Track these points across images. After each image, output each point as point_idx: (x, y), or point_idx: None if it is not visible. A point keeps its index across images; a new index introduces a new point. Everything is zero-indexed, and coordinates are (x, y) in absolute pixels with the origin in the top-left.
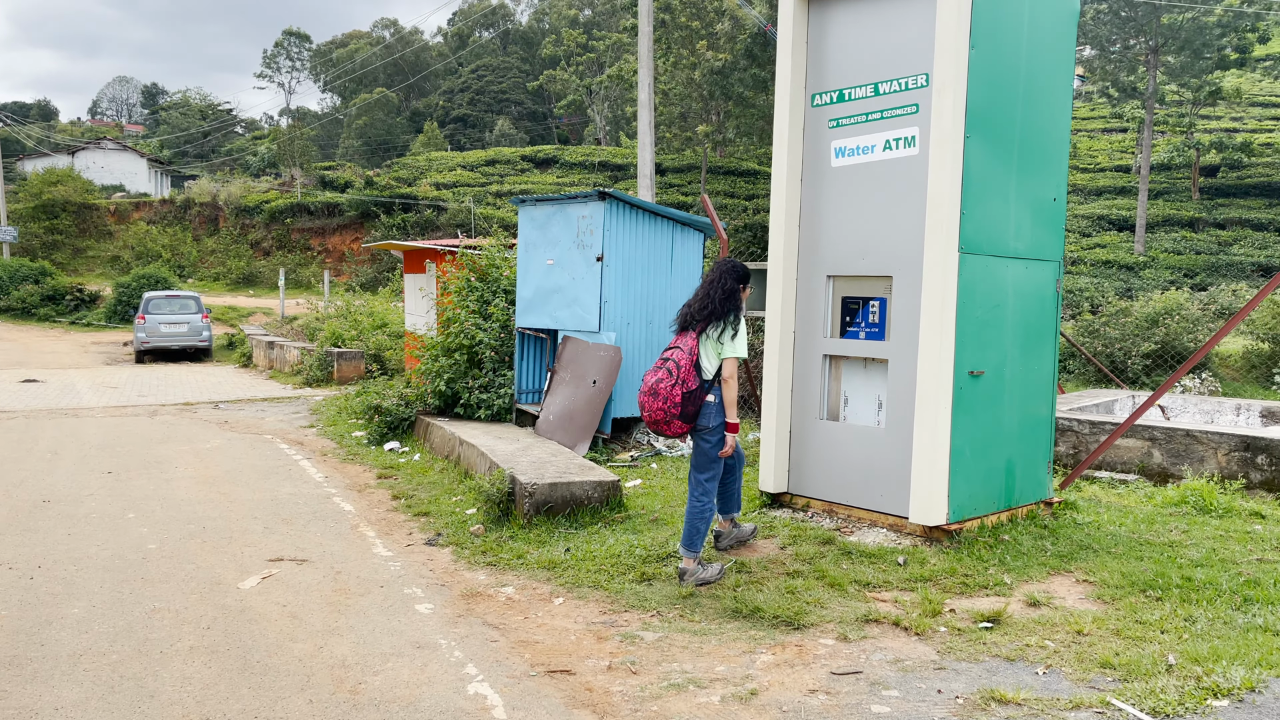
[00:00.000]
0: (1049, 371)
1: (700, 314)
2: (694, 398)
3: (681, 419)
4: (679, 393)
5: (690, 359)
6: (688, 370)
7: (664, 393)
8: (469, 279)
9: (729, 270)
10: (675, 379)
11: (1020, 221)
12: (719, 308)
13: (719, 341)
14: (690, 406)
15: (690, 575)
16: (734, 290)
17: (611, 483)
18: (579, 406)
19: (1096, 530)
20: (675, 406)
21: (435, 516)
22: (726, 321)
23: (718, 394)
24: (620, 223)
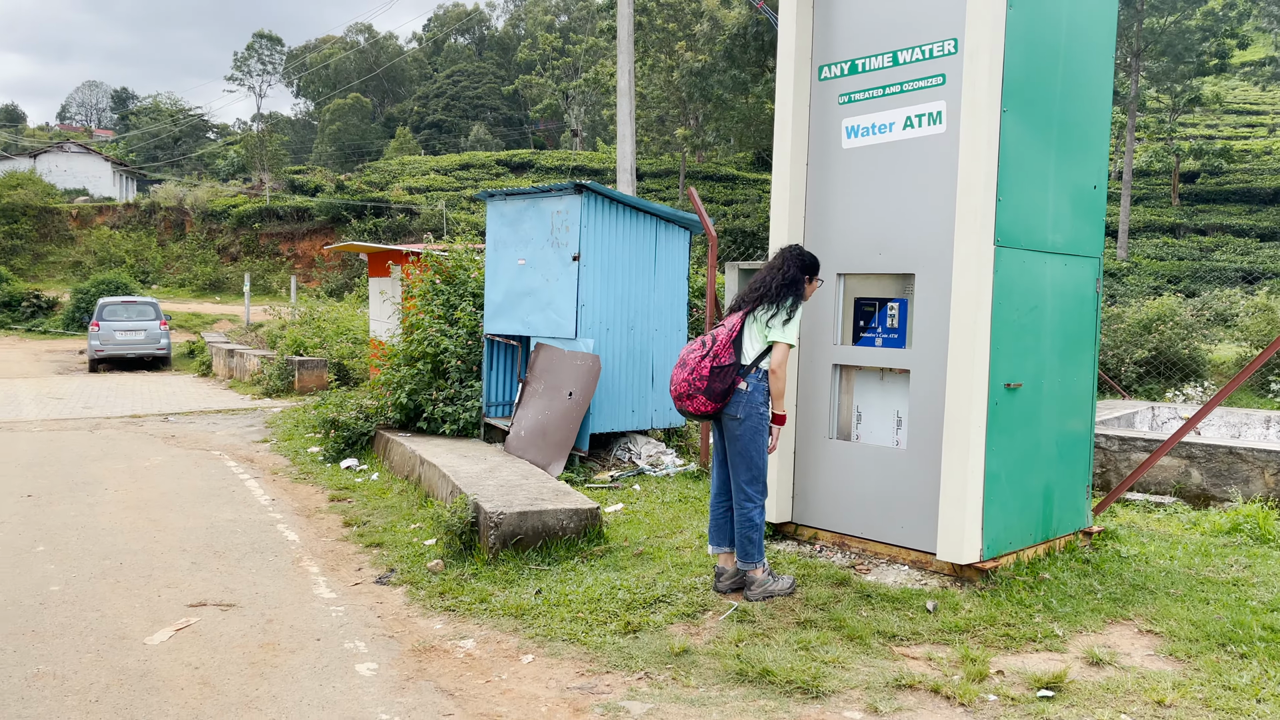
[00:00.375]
0: (1089, 383)
1: (751, 295)
2: (724, 374)
3: (707, 395)
4: (708, 365)
5: (730, 335)
6: (724, 345)
7: (692, 363)
8: (433, 282)
9: (794, 257)
10: (707, 351)
11: (1059, 211)
12: (774, 292)
13: (767, 325)
14: (718, 383)
15: (758, 586)
16: (796, 279)
17: (589, 511)
18: (553, 421)
19: (1145, 565)
20: (701, 380)
21: (390, 548)
22: (780, 305)
23: (753, 383)
24: (599, 218)
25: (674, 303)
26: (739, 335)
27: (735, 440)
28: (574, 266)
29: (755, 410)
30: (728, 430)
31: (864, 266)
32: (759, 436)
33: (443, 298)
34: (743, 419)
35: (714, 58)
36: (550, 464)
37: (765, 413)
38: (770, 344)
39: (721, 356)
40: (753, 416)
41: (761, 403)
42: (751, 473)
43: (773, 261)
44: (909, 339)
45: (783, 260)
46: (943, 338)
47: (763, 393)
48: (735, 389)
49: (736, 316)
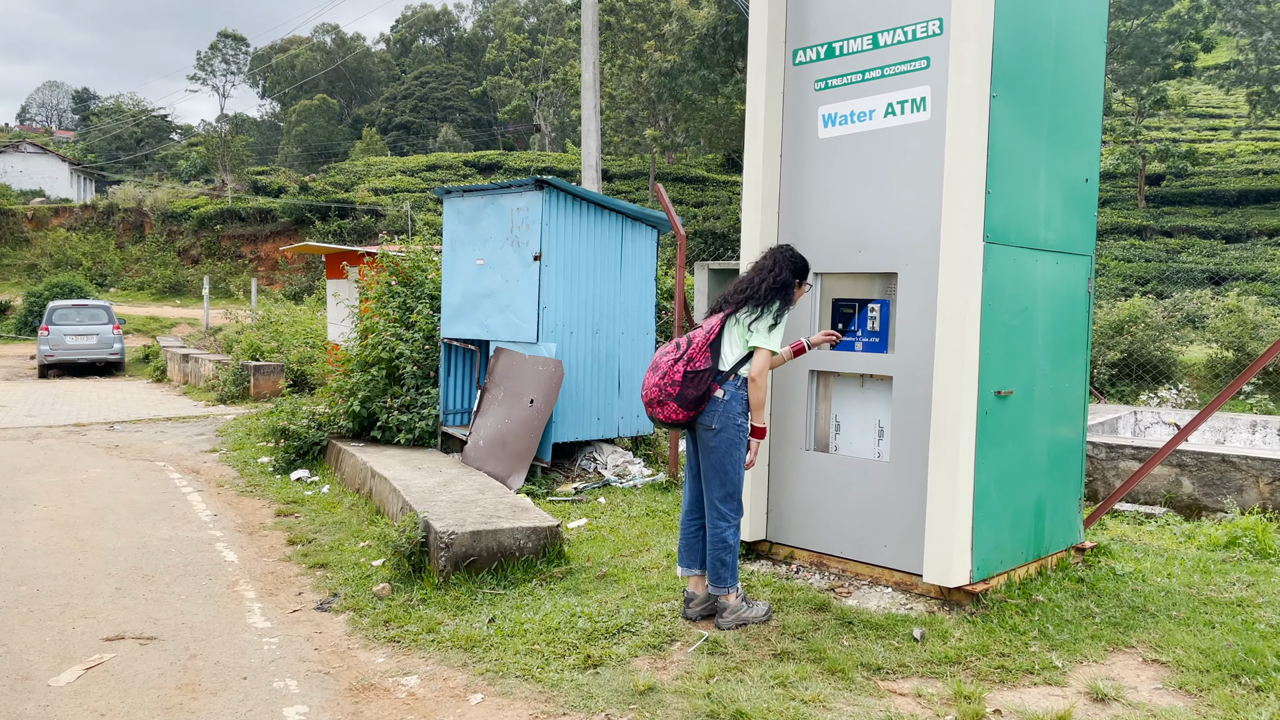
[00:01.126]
0: (1080, 389)
1: (735, 296)
2: (698, 380)
3: (679, 402)
4: (681, 370)
5: (707, 338)
6: (700, 349)
7: (664, 367)
8: (389, 283)
9: (786, 259)
10: (681, 354)
11: (1051, 206)
12: (762, 294)
13: (749, 329)
14: (691, 390)
15: (731, 614)
16: (787, 282)
17: (548, 529)
18: (513, 430)
19: (1143, 584)
20: (673, 386)
21: (335, 569)
22: (767, 309)
23: (730, 391)
24: (562, 216)
25: (641, 305)
26: (717, 339)
27: (709, 453)
28: (535, 267)
29: (732, 421)
30: (701, 442)
31: (842, 265)
32: (735, 450)
33: (399, 300)
34: (718, 430)
35: (683, 58)
36: (510, 476)
37: (743, 424)
38: (751, 350)
39: (697, 361)
40: (729, 428)
41: (739, 413)
42: (726, 489)
43: (761, 261)
44: (891, 343)
45: (774, 261)
46: (929, 342)
47: (741, 402)
48: (711, 397)
49: (716, 319)
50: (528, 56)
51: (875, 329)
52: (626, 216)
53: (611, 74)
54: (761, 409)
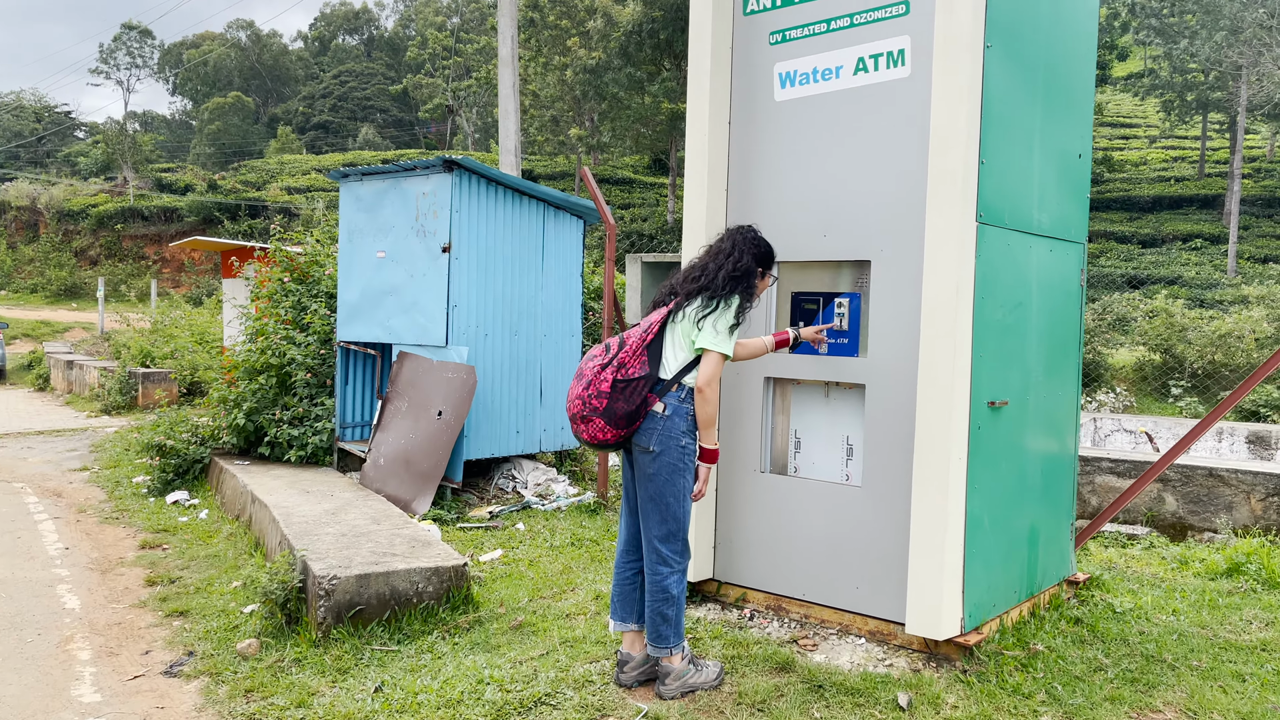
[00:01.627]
0: (1074, 399)
1: (684, 286)
2: (630, 391)
3: (608, 419)
4: (609, 377)
5: (644, 339)
6: (634, 352)
7: (589, 375)
8: (281, 280)
9: (749, 241)
10: (610, 358)
11: (1045, 183)
12: (718, 284)
13: (697, 326)
14: (622, 403)
15: (675, 680)
16: (749, 270)
17: (454, 569)
18: (419, 446)
19: (1148, 625)
20: (600, 398)
21: (196, 618)
22: (722, 303)
23: (672, 404)
24: (475, 202)
25: (567, 303)
26: (657, 339)
27: (647, 481)
28: (444, 259)
29: (674, 442)
30: (638, 468)
31: (804, 252)
32: (678, 477)
33: (293, 299)
34: (657, 453)
35: (609, 55)
36: (415, 499)
37: (688, 445)
38: (698, 353)
39: (630, 366)
40: (670, 450)
41: (683, 432)
42: (667, 527)
43: (718, 244)
44: (863, 344)
45: (733, 244)
46: (909, 342)
47: (685, 418)
48: (647, 412)
49: (657, 315)
50: (450, 55)
51: (843, 327)
52: (549, 204)
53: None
54: (711, 426)
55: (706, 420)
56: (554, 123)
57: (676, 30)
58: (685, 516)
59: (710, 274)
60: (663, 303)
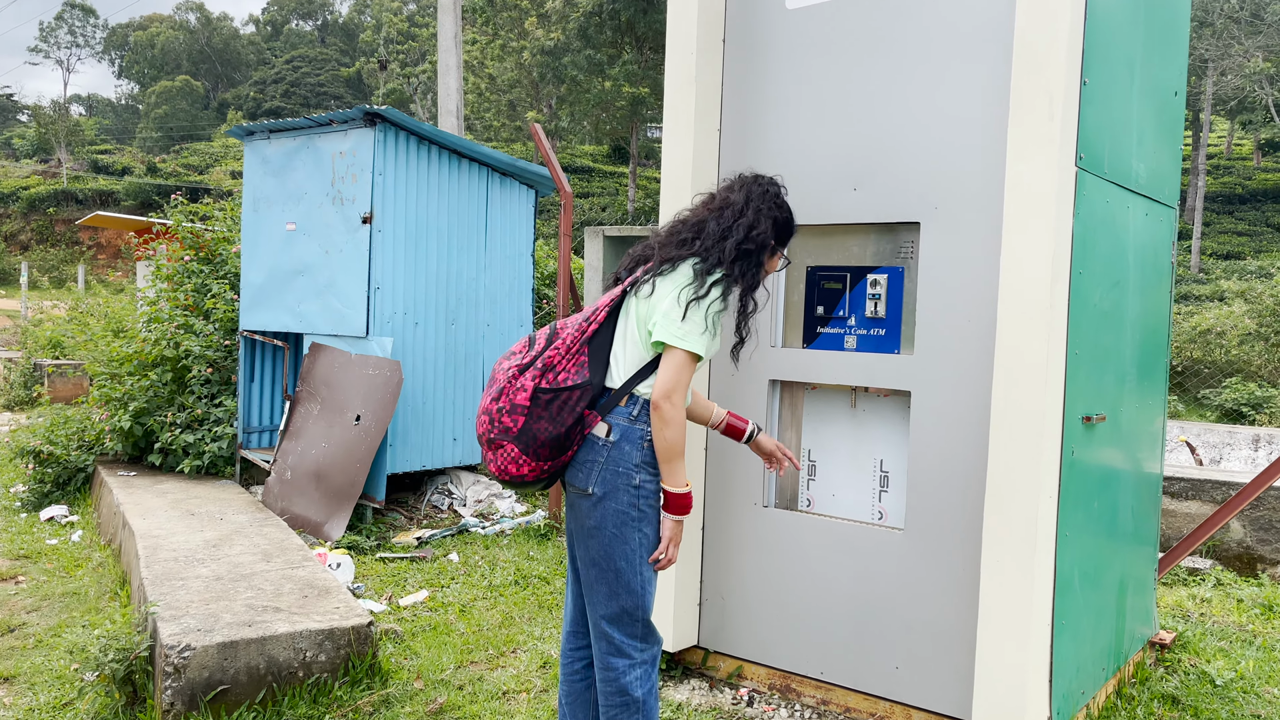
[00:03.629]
0: (1162, 407)
1: (664, 247)
2: (560, 407)
3: (522, 444)
4: (527, 385)
5: (584, 329)
6: (568, 349)
7: (501, 380)
8: (182, 259)
9: (768, 200)
10: (530, 358)
11: (1144, 125)
12: (720, 253)
13: (664, 311)
14: (546, 422)
15: None
16: (762, 241)
17: (355, 631)
18: (333, 458)
19: (1259, 703)
20: (515, 414)
21: (24, 687)
22: (704, 275)
23: (623, 427)
24: (403, 164)
25: (515, 287)
26: (603, 330)
27: (588, 537)
28: (364, 232)
29: (623, 480)
30: (576, 517)
31: (826, 212)
32: (630, 531)
33: (195, 281)
34: (598, 496)
35: (567, 36)
36: (328, 521)
37: (646, 485)
38: (659, 349)
39: (560, 370)
40: (618, 492)
41: (637, 465)
42: (619, 602)
43: (725, 195)
44: (907, 336)
45: (747, 199)
46: (979, 332)
47: (641, 446)
48: (584, 437)
49: (607, 296)
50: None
51: (878, 313)
52: (494, 169)
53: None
54: (675, 459)
55: (667, 450)
56: (511, 107)
57: (638, 12)
58: (645, 587)
59: (711, 236)
60: (619, 278)
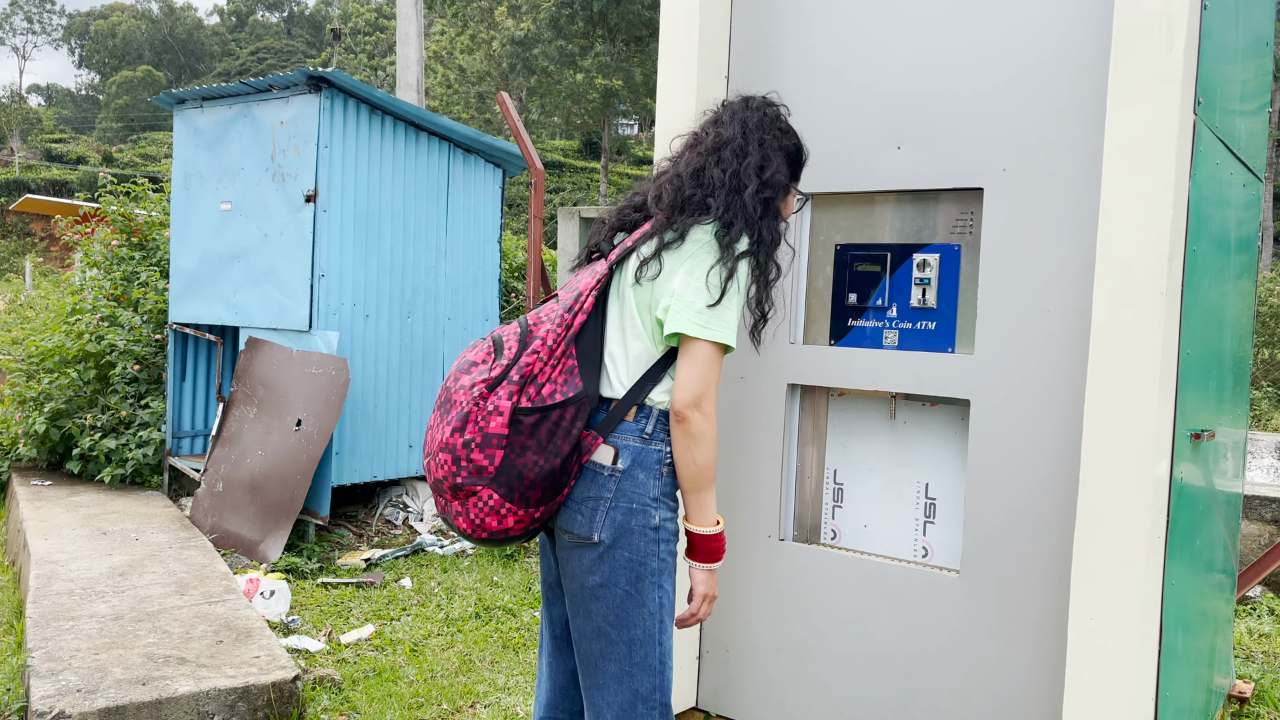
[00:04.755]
0: (1246, 412)
1: (660, 208)
2: (552, 432)
3: (503, 487)
4: (505, 405)
5: (568, 322)
6: (550, 350)
7: (461, 400)
8: (109, 245)
9: (769, 128)
10: (503, 369)
11: (1245, 76)
12: (727, 207)
13: (679, 293)
14: (533, 455)
15: None
16: (777, 185)
17: (277, 687)
18: (271, 468)
19: None
20: (492, 446)
21: None
22: (729, 245)
23: (635, 449)
24: (353, 136)
25: (479, 277)
26: (591, 323)
27: (591, 599)
28: (307, 213)
29: (639, 521)
30: (570, 569)
31: (860, 178)
32: (649, 589)
33: (124, 269)
34: (608, 545)
35: (538, 26)
36: (264, 541)
37: (668, 525)
38: (673, 343)
39: (545, 379)
40: (633, 538)
41: (656, 499)
42: (632, 686)
43: (716, 132)
44: (964, 332)
45: (744, 131)
46: (1065, 328)
47: (658, 473)
48: (583, 467)
49: (589, 274)
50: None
51: (926, 303)
52: (456, 145)
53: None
54: (707, 487)
55: (696, 476)
56: (480, 100)
57: (611, 2)
58: (665, 660)
59: (719, 188)
60: (600, 251)
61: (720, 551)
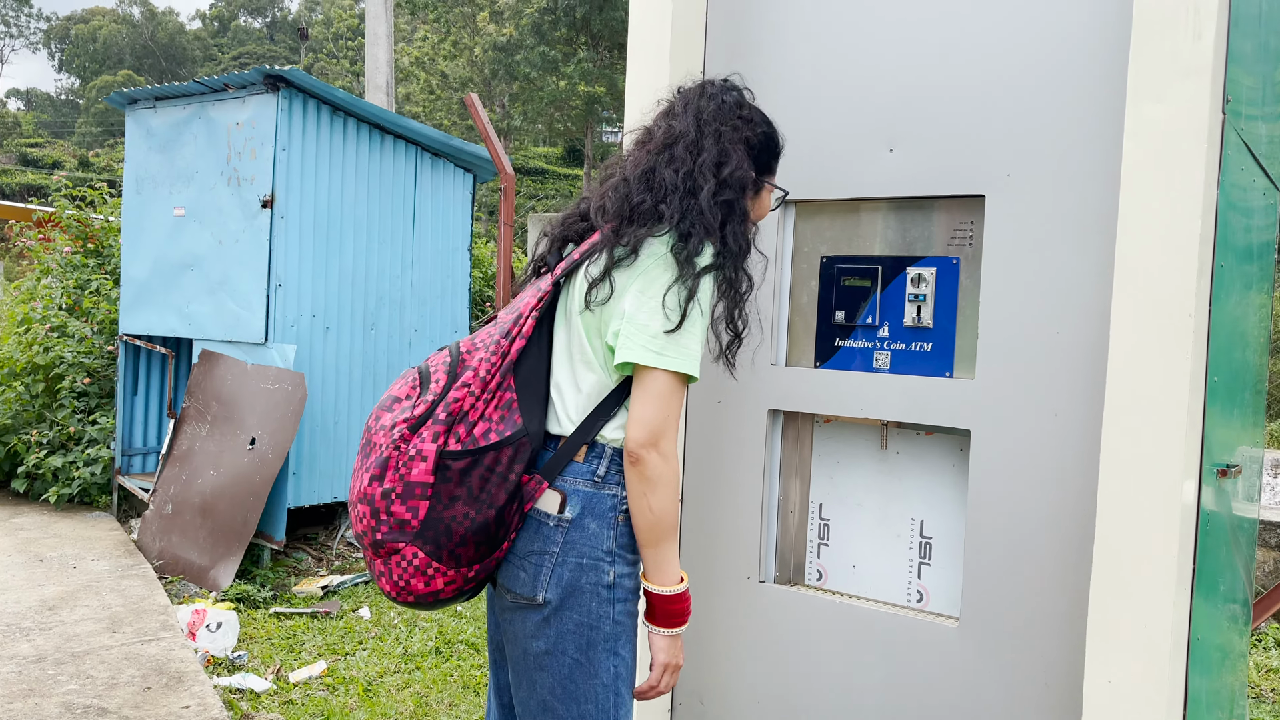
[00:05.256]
0: (1262, 432)
1: (606, 219)
2: (485, 479)
3: (429, 544)
4: (429, 449)
5: (504, 349)
6: (483, 382)
7: (382, 445)
8: (63, 252)
9: (725, 113)
10: (428, 406)
11: (1268, 76)
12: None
13: (631, 316)
14: (463, 506)
15: None
16: (737, 182)
17: None
18: (223, 489)
19: None
20: (414, 497)
21: None
22: (687, 259)
23: (585, 495)
24: (313, 139)
25: (448, 286)
26: (531, 348)
27: (536, 668)
28: (264, 219)
29: (589, 580)
30: (514, 634)
31: (848, 184)
32: (602, 656)
33: (78, 276)
34: (554, 607)
35: (520, 32)
36: (215, 567)
37: (624, 582)
38: (625, 373)
39: (477, 415)
40: (583, 597)
41: (610, 552)
42: None
43: (668, 126)
44: (963, 353)
45: (695, 118)
46: (1077, 350)
47: (612, 522)
48: (525, 515)
49: (533, 292)
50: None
51: (921, 321)
52: (424, 149)
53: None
54: (668, 538)
55: (653, 525)
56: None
57: (594, 8)
58: None
59: (672, 192)
60: (547, 265)
61: (683, 614)
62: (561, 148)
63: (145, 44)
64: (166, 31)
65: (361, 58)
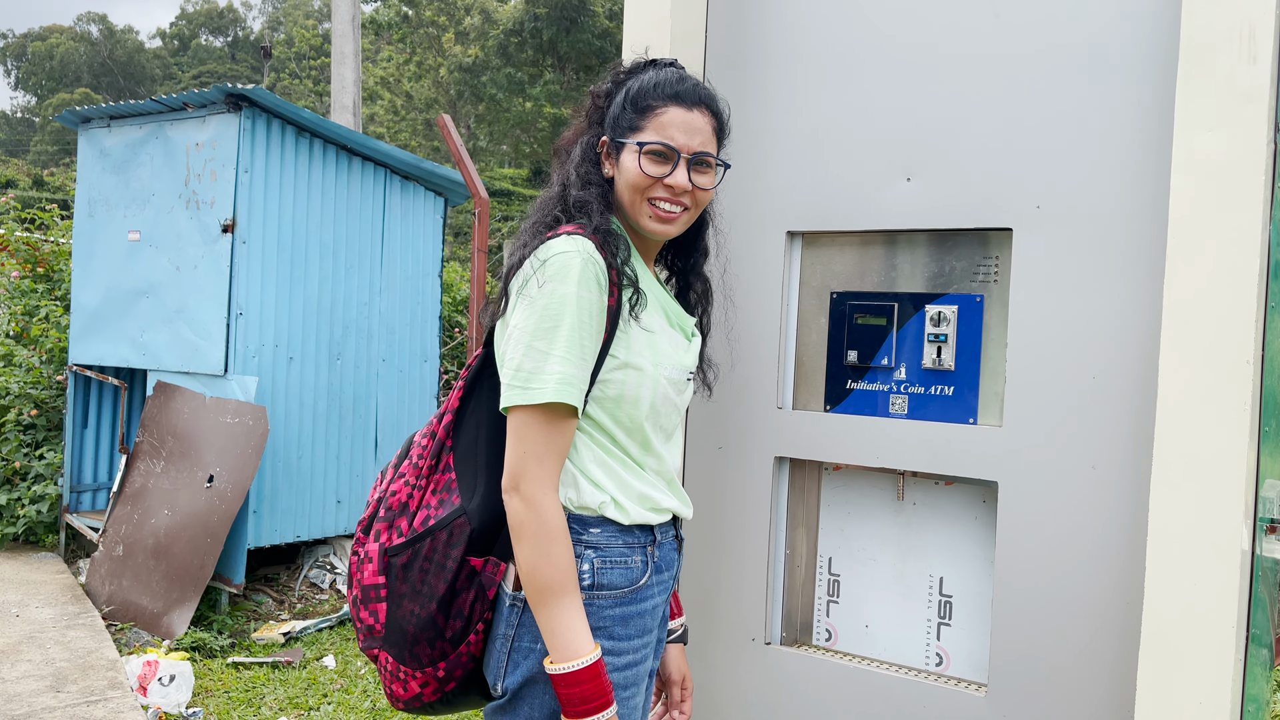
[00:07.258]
0: None
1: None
2: (424, 570)
3: (394, 648)
4: (373, 550)
5: (433, 429)
6: (415, 465)
7: (351, 558)
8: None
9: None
10: (375, 502)
11: None
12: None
13: (502, 352)
14: (409, 603)
15: None
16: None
17: None
18: (179, 529)
19: None
20: (373, 600)
21: None
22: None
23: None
24: (277, 161)
25: (418, 314)
26: (468, 412)
27: None
28: (224, 244)
29: (533, 664)
30: None
31: (860, 215)
32: None
33: (26, 302)
34: (511, 694)
35: (486, 54)
36: (169, 613)
37: None
38: None
39: (416, 503)
40: (534, 689)
41: None
42: None
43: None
44: (988, 398)
45: (586, 116)
46: (1119, 397)
47: None
48: (492, 599)
49: (475, 355)
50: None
51: (942, 363)
52: (394, 171)
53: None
54: (552, 596)
55: (526, 584)
56: (428, 126)
57: (560, 31)
58: None
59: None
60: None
61: (595, 698)
62: (528, 169)
63: (104, 62)
64: (125, 50)
65: (325, 77)
